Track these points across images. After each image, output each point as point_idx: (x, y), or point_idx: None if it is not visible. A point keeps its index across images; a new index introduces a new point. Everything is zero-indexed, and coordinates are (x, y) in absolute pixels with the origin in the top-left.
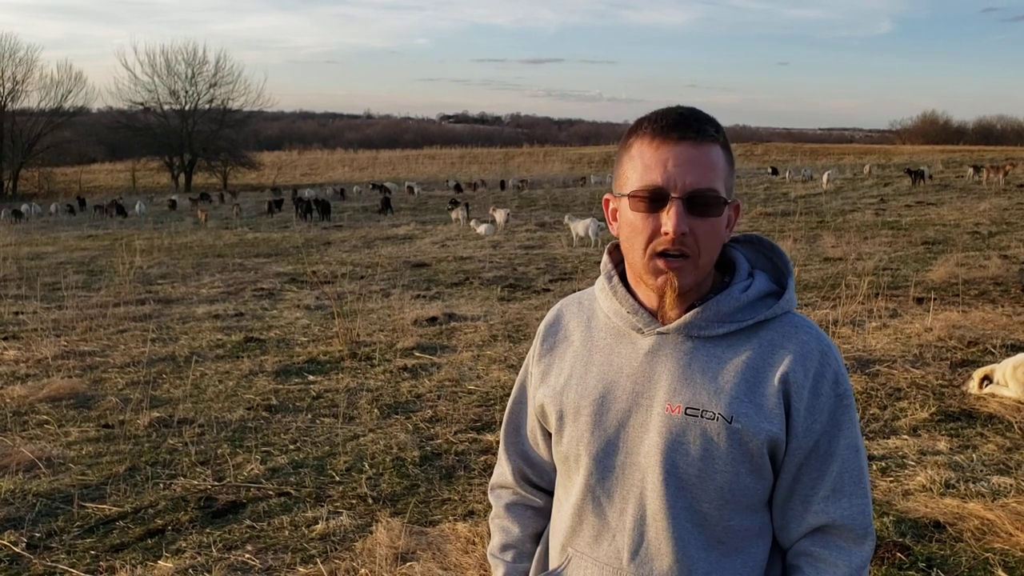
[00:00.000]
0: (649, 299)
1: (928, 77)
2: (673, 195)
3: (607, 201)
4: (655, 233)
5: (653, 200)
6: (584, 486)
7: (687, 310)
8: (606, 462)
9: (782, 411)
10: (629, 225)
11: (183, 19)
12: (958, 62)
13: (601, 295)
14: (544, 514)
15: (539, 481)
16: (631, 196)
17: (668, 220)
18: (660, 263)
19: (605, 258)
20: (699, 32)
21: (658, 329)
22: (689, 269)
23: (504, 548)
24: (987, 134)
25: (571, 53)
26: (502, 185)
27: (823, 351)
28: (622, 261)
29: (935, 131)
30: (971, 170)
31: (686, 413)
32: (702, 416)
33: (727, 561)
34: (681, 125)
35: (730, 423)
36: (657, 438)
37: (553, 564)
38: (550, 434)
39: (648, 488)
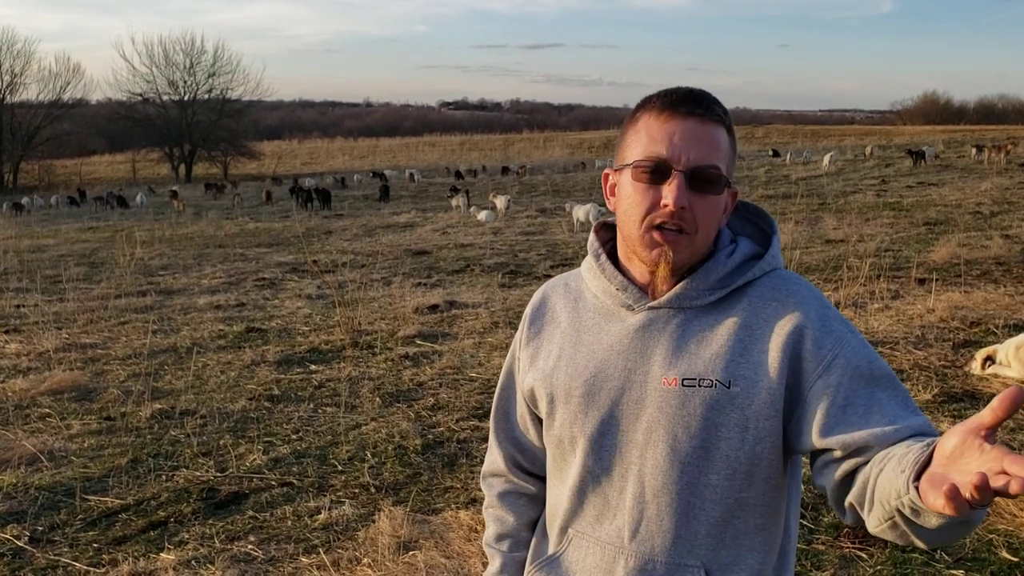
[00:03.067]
0: (640, 275)
1: (929, 57)
2: (676, 168)
3: (606, 176)
4: (654, 206)
5: (655, 172)
6: (582, 467)
7: (676, 283)
8: (602, 441)
9: (786, 363)
10: (628, 197)
11: (182, 8)
12: (959, 41)
13: (589, 274)
14: (538, 501)
15: (530, 467)
16: (634, 166)
17: (669, 193)
18: (656, 235)
19: (592, 237)
20: (699, 14)
21: (648, 304)
22: (685, 244)
23: (499, 538)
24: (988, 113)
25: (571, 38)
26: (504, 171)
27: (817, 296)
28: (609, 240)
29: (936, 111)
30: (974, 150)
31: (683, 384)
32: (699, 385)
33: (744, 537)
34: (690, 101)
35: (728, 388)
36: (656, 413)
37: (552, 548)
38: (540, 419)
39: (648, 464)
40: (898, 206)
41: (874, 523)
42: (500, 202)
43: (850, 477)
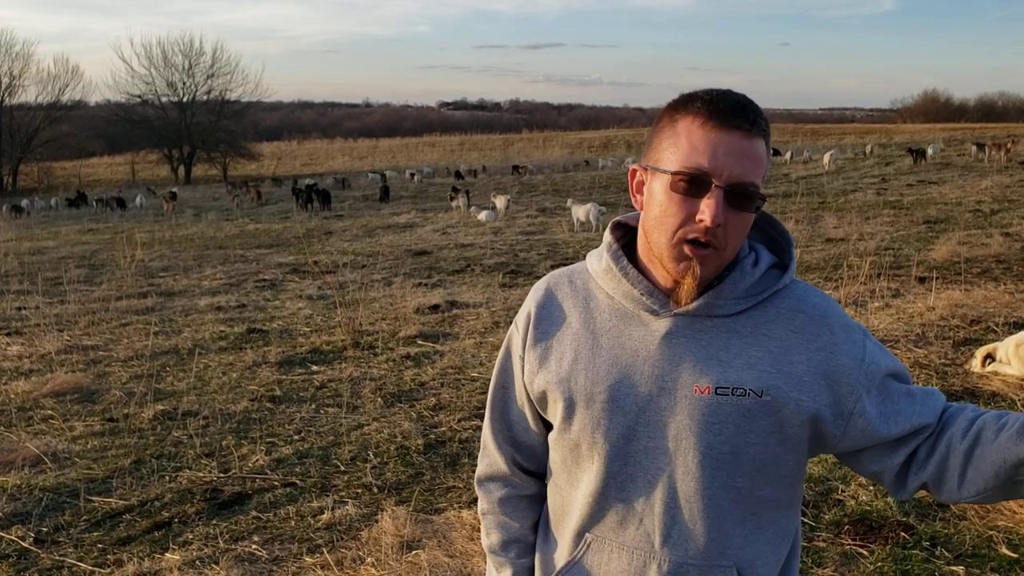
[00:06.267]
0: (663, 279)
1: (930, 55)
2: (716, 183)
3: (634, 172)
4: (688, 219)
5: (694, 183)
6: (604, 472)
7: (703, 290)
8: (627, 447)
9: (820, 379)
10: (661, 205)
11: (183, 9)
12: (960, 39)
13: (606, 276)
14: (538, 501)
15: (530, 466)
16: (673, 175)
17: (707, 209)
18: (687, 249)
19: (609, 237)
20: (700, 13)
21: (675, 311)
22: (713, 259)
23: (506, 545)
24: (988, 111)
25: (572, 37)
26: (514, 169)
27: (839, 312)
28: (624, 236)
29: (936, 109)
30: (974, 148)
31: (716, 393)
32: (733, 394)
33: (760, 532)
34: (738, 113)
35: (760, 397)
36: (688, 420)
37: (566, 553)
38: (543, 419)
39: (679, 470)
40: (898, 204)
41: (975, 489)
42: (500, 202)
43: (911, 458)
